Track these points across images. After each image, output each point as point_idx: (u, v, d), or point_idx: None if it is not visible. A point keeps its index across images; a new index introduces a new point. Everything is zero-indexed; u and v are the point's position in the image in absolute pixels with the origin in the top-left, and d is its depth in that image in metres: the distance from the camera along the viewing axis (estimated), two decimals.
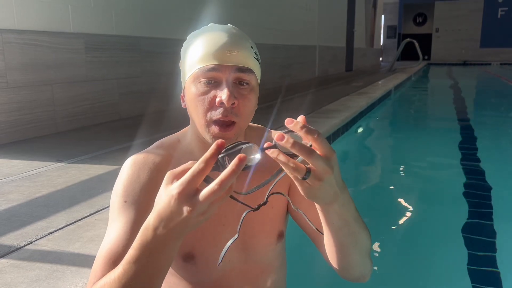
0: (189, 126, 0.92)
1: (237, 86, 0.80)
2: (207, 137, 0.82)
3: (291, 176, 0.63)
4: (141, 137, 3.15)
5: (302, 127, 0.61)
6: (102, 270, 0.75)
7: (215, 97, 0.79)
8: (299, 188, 0.65)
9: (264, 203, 0.71)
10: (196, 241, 0.88)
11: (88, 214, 1.81)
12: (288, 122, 0.62)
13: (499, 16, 22.05)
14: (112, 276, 0.68)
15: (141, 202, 0.83)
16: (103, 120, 4.31)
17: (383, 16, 22.54)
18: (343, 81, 9.73)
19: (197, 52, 0.81)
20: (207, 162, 0.59)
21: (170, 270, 0.91)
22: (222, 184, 0.57)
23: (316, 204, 0.71)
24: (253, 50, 0.85)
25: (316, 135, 0.61)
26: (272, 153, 0.61)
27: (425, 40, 22.76)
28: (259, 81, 0.87)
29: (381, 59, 22.21)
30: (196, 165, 0.59)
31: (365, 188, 3.36)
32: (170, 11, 5.13)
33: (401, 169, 3.92)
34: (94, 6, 4.20)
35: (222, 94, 0.78)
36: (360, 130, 5.37)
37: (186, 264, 0.88)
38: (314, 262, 2.05)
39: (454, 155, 4.07)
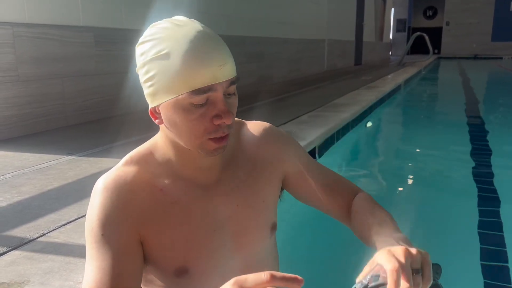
0: (157, 135, 0.84)
1: (227, 98, 0.73)
2: (202, 153, 0.76)
3: None
4: (150, 130, 3.16)
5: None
6: None
7: (210, 117, 0.72)
8: None
9: None
10: (188, 252, 0.81)
11: None
12: None
13: (511, 9, 21.73)
14: None
15: (119, 235, 0.75)
16: (113, 114, 4.33)
17: (392, 9, 22.33)
18: (352, 75, 9.67)
19: (182, 70, 0.69)
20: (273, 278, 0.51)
21: (164, 285, 0.85)
22: None
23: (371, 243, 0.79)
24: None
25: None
26: None
27: (436, 34, 22.50)
28: None
29: (390, 53, 22.04)
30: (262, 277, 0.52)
31: (374, 183, 3.35)
32: (180, 4, 5.12)
33: (410, 163, 3.89)
34: (103, 0, 4.21)
35: (223, 115, 0.71)
36: (369, 124, 5.34)
37: (180, 280, 0.81)
38: (304, 251, 2.07)
39: (464, 149, 4.03)
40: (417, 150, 4.35)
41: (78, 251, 1.41)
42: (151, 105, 0.76)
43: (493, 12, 21.99)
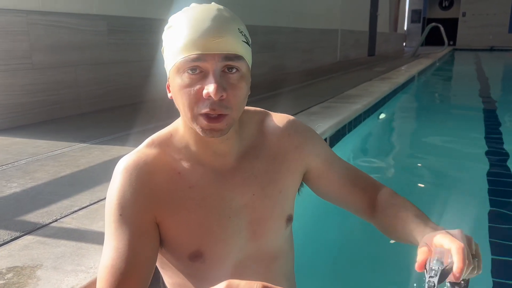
0: (179, 118, 0.85)
1: (226, 74, 0.73)
2: (198, 130, 0.77)
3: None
4: (163, 119, 3.17)
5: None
6: None
7: (201, 88, 0.72)
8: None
9: None
10: (203, 237, 0.82)
11: None
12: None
13: None
14: None
15: (136, 215, 0.78)
16: (126, 102, 4.35)
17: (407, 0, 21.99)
18: (365, 66, 9.57)
19: (179, 39, 0.73)
20: None
21: (173, 271, 0.87)
22: None
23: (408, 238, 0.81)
24: (241, 33, 0.76)
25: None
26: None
27: (451, 25, 22.12)
28: (250, 66, 0.80)
29: (404, 44, 21.75)
30: None
31: (386, 175, 3.33)
32: None
33: (422, 156, 3.86)
34: None
35: (209, 87, 0.71)
36: (382, 116, 5.30)
37: (193, 263, 0.83)
38: (319, 244, 2.06)
39: (478, 142, 3.98)
40: (430, 142, 4.31)
41: (90, 237, 1.43)
42: (167, 79, 0.81)
43: (511, 3, 21.52)
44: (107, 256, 0.75)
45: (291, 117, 0.98)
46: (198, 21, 0.73)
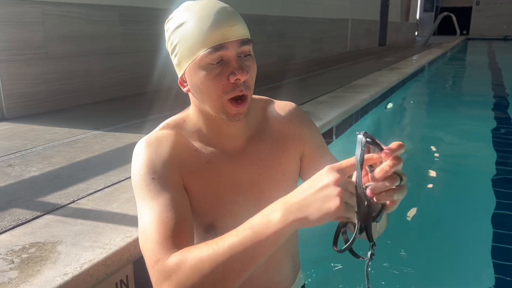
0: (189, 107, 0.93)
1: (242, 59, 0.81)
2: (223, 116, 0.84)
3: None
4: (173, 107, 3.26)
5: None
6: (169, 241, 0.73)
7: (227, 76, 0.79)
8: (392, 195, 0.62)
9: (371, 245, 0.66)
10: (218, 211, 0.90)
11: (124, 178, 1.93)
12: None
13: None
14: (215, 247, 0.67)
15: (169, 176, 0.83)
16: (137, 91, 4.45)
17: None
18: (375, 56, 9.55)
19: (197, 34, 0.78)
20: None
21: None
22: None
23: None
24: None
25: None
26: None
27: (465, 14, 21.83)
28: None
29: (416, 33, 21.51)
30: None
31: None
32: None
33: (429, 146, 3.86)
34: None
35: (236, 72, 0.78)
36: (389, 106, 5.32)
37: (208, 235, 0.89)
38: (323, 226, 2.12)
39: (487, 135, 3.94)
40: (437, 133, 4.30)
41: (105, 217, 1.53)
42: (179, 74, 0.87)
43: None
44: (149, 215, 0.77)
45: (293, 104, 1.04)
46: (210, 15, 0.79)
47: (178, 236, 0.75)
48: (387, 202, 0.62)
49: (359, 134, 0.61)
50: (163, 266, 0.70)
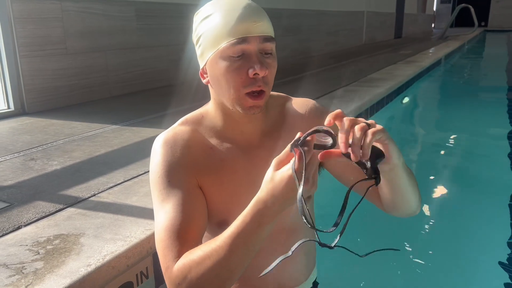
0: (209, 102, 0.95)
1: (263, 56, 0.82)
2: (239, 109, 0.85)
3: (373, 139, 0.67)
4: (190, 102, 3.29)
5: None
6: (177, 245, 0.78)
7: (246, 70, 0.81)
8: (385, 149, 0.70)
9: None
10: (232, 208, 0.89)
11: (143, 172, 1.98)
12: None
13: None
14: (214, 246, 0.74)
15: (183, 179, 0.86)
16: (154, 86, 4.50)
17: None
18: (391, 49, 9.46)
19: (222, 26, 0.81)
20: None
21: (206, 234, 0.95)
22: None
23: (387, 165, 0.75)
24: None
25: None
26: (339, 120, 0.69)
27: (483, 5, 21.37)
28: None
29: (433, 25, 21.18)
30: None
31: (408, 160, 3.34)
32: None
33: (445, 142, 3.81)
34: None
35: (256, 67, 0.80)
36: (405, 100, 5.28)
37: (220, 230, 0.89)
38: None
39: (504, 132, 3.88)
40: (453, 128, 4.25)
41: (125, 210, 1.58)
42: (201, 65, 0.89)
43: None
44: (163, 218, 0.82)
45: (311, 101, 1.05)
46: (236, 9, 0.81)
47: (186, 239, 0.80)
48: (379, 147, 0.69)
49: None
50: (172, 274, 0.77)
